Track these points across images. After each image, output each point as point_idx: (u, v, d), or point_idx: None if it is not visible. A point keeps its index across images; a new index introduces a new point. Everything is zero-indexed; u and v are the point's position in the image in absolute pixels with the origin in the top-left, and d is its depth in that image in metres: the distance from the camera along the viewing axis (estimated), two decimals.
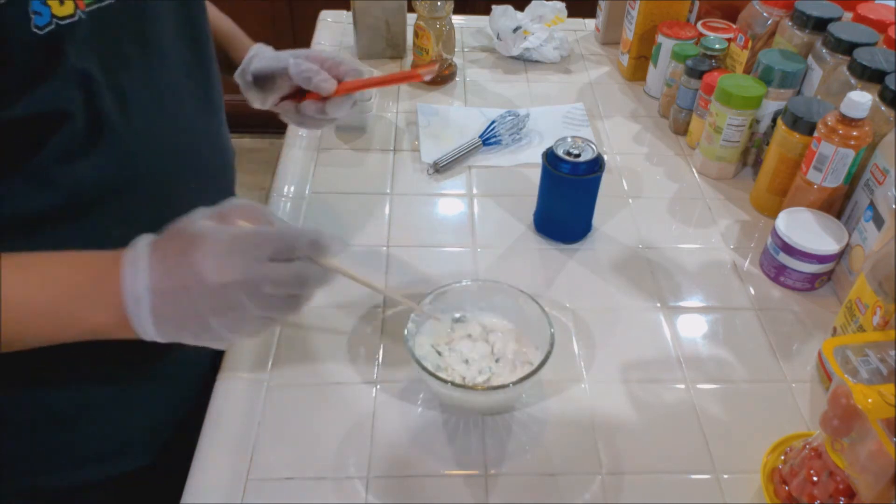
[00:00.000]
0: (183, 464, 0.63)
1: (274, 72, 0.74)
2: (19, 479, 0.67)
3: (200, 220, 0.52)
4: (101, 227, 0.59)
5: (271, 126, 0.79)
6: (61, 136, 0.53)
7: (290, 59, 0.72)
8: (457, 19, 1.22)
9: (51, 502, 0.70)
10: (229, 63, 0.79)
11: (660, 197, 0.96)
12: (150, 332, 0.50)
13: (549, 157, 0.83)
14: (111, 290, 0.49)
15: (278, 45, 0.79)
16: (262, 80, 0.76)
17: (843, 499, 0.55)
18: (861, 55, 0.84)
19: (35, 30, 0.47)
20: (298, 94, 0.75)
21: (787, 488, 0.59)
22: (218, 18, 0.81)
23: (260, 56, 0.77)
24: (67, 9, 0.49)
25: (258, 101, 0.77)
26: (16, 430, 0.65)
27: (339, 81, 0.72)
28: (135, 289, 0.49)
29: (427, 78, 0.73)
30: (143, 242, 0.51)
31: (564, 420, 0.68)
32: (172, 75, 0.63)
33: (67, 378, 0.64)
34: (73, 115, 0.53)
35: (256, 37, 0.84)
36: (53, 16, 0.48)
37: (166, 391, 0.73)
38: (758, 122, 0.96)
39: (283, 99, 0.76)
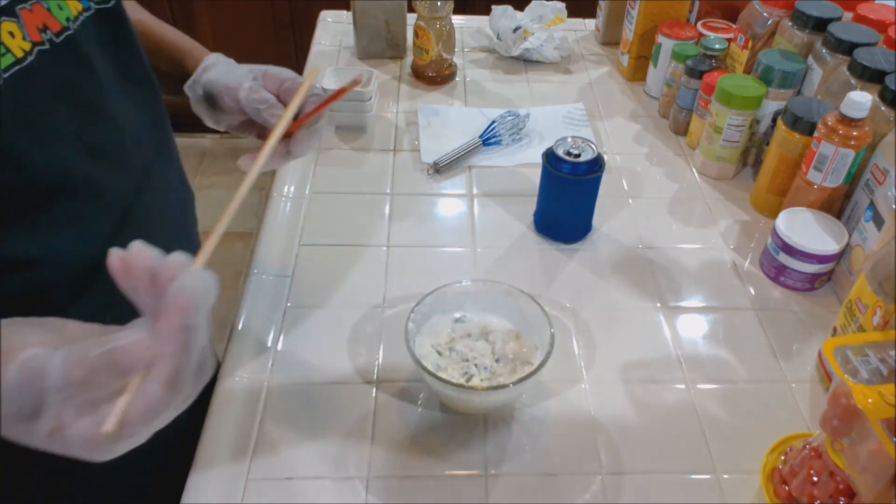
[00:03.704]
0: (181, 465, 0.63)
1: (224, 90, 0.65)
2: None
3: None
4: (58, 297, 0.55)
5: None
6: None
7: (246, 82, 0.63)
8: (457, 19, 1.22)
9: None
10: (185, 77, 0.70)
11: (660, 197, 0.96)
12: None
13: (549, 157, 0.83)
14: None
15: (278, 46, 0.79)
16: (213, 98, 0.67)
17: (843, 499, 0.55)
18: (861, 55, 0.84)
19: None
20: (254, 120, 0.65)
21: (787, 488, 0.59)
22: (173, 34, 0.74)
23: (214, 68, 0.68)
24: None
25: (210, 120, 0.69)
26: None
27: (299, 108, 0.62)
28: None
29: (350, 89, 0.61)
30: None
31: (564, 420, 0.68)
32: (117, 128, 0.59)
33: None
34: (6, 195, 0.49)
35: (256, 37, 0.83)
36: None
37: None
38: (758, 122, 0.96)
39: (239, 125, 0.67)
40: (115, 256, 0.39)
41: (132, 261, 0.39)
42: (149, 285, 0.39)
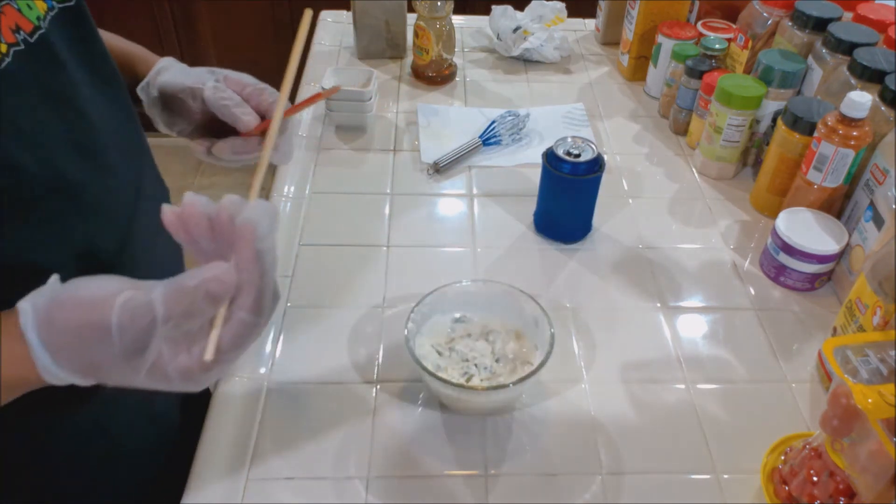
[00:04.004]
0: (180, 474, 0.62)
1: (184, 90, 0.64)
2: None
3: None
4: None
5: None
6: None
7: (209, 82, 0.63)
8: (457, 19, 1.22)
9: None
10: (136, 82, 0.70)
11: (660, 197, 0.96)
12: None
13: (549, 157, 0.83)
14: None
15: (278, 45, 0.78)
16: (170, 100, 0.66)
17: (843, 499, 0.55)
18: (861, 55, 0.84)
19: None
20: (211, 124, 0.65)
21: (787, 488, 0.59)
22: (119, 41, 0.73)
23: (170, 69, 0.68)
24: None
25: (163, 123, 0.68)
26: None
27: (262, 114, 0.63)
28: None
29: (325, 95, 0.63)
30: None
31: (564, 420, 0.68)
32: (95, 127, 0.58)
33: (52, 421, 0.62)
34: (4, 198, 0.49)
35: (256, 37, 0.83)
36: None
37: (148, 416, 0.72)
38: (758, 122, 0.96)
39: (194, 129, 0.67)
40: (168, 212, 0.42)
41: (187, 213, 0.42)
42: (208, 231, 0.42)
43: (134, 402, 0.70)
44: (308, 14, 0.56)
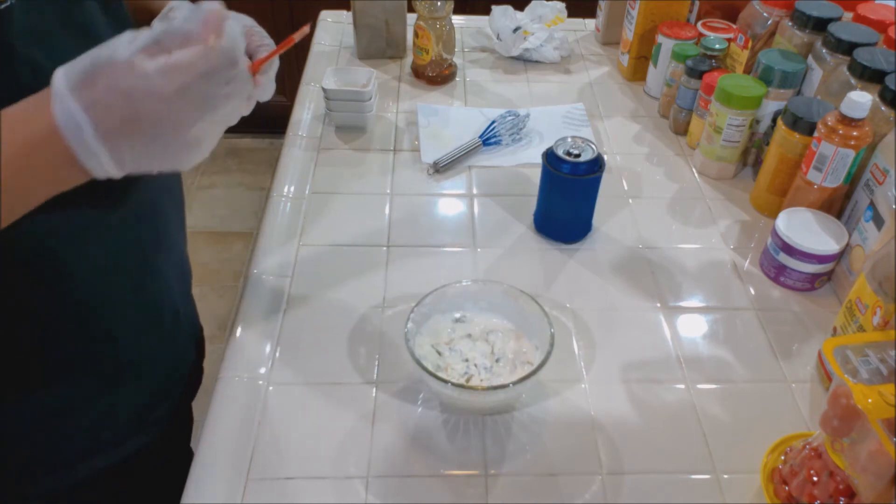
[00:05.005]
0: (175, 450, 0.62)
1: (184, 35, 0.72)
2: (9, 486, 0.66)
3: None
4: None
5: (271, 126, 0.77)
6: None
7: None
8: (457, 19, 1.22)
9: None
10: (151, 18, 0.75)
11: (660, 197, 0.96)
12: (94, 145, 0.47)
13: (549, 157, 0.83)
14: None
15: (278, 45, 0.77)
16: None
17: (843, 499, 0.55)
18: (861, 55, 0.84)
19: None
20: None
21: (787, 488, 0.59)
22: None
23: (178, 9, 0.71)
24: None
25: None
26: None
27: (250, 55, 0.65)
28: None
29: (297, 38, 0.63)
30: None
31: (564, 420, 0.68)
32: None
33: (44, 380, 0.63)
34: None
35: None
36: None
37: (146, 378, 0.73)
38: (758, 122, 0.96)
39: None
40: None
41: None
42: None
43: (112, 394, 0.69)
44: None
